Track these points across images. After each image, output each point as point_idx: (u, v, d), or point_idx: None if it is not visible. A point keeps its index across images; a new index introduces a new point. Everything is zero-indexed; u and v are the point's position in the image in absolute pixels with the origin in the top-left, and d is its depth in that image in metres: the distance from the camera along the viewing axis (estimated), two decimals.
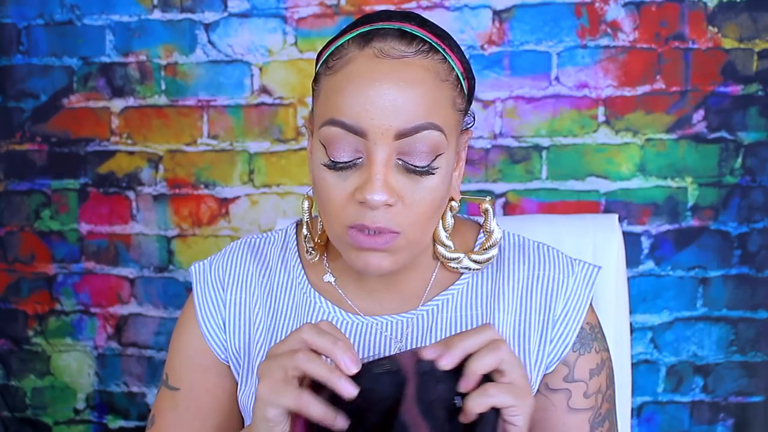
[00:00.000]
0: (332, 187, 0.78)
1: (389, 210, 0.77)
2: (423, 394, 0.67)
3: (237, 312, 0.91)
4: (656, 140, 1.74)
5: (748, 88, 1.71)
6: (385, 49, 0.76)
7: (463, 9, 1.73)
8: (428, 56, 0.78)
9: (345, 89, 0.76)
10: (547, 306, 0.88)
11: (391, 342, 0.86)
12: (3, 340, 1.96)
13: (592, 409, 0.88)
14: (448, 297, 0.88)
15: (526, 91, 1.75)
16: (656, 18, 1.71)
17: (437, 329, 0.86)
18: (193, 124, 1.83)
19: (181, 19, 1.80)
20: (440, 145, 0.77)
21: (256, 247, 0.95)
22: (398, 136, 0.75)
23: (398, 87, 0.75)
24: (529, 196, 1.77)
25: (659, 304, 1.78)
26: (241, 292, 0.92)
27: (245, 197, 1.83)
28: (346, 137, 0.76)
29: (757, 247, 1.75)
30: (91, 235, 1.89)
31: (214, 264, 0.94)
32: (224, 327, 0.91)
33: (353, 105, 0.75)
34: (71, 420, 1.97)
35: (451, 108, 0.80)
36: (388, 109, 0.74)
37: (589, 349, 0.89)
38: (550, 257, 0.91)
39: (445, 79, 0.79)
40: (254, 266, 0.93)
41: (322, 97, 0.80)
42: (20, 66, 1.87)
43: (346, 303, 0.89)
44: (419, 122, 0.75)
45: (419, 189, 0.77)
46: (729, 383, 1.79)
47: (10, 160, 1.90)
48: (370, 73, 0.75)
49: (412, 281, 0.89)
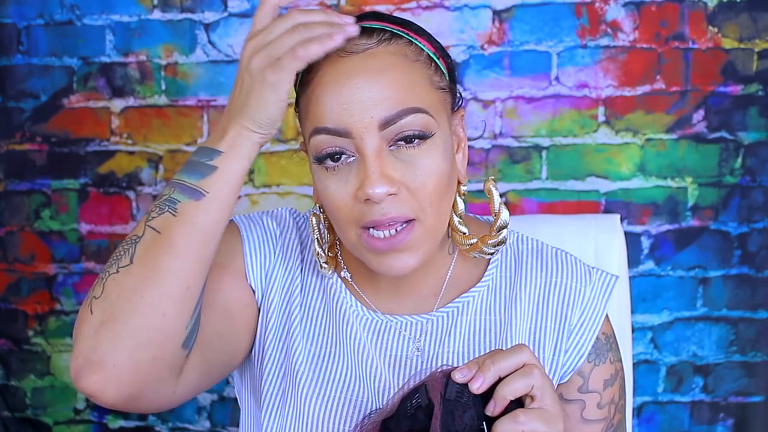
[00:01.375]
0: (335, 193, 0.78)
1: (396, 199, 0.76)
2: (450, 424, 0.65)
3: (281, 268, 0.89)
4: (656, 140, 1.74)
5: (748, 88, 1.71)
6: (347, 47, 0.76)
7: (463, 9, 1.73)
8: (391, 43, 0.78)
9: (320, 97, 0.76)
10: (564, 314, 0.87)
11: (410, 342, 0.85)
12: (3, 340, 1.96)
13: (605, 420, 0.88)
14: (468, 300, 0.87)
15: (526, 91, 1.75)
16: (656, 18, 1.71)
17: (456, 332, 0.86)
18: (193, 124, 1.83)
19: (181, 19, 1.80)
20: (428, 125, 0.77)
21: (298, 221, 0.94)
22: (382, 126, 0.75)
23: (369, 78, 0.75)
24: (529, 196, 1.77)
25: (659, 304, 1.78)
26: (286, 252, 0.90)
27: (245, 197, 1.83)
28: (334, 141, 0.76)
29: (757, 247, 1.75)
30: (91, 235, 1.89)
31: (264, 216, 0.92)
32: (268, 275, 0.88)
33: (332, 108, 0.75)
34: (71, 420, 1.96)
35: (429, 87, 0.79)
36: (364, 102, 0.74)
37: (603, 359, 0.88)
38: (568, 264, 0.90)
39: (415, 59, 0.79)
40: (296, 234, 0.92)
41: (303, 113, 0.80)
42: (20, 66, 1.87)
43: (364, 300, 0.88)
44: (400, 108, 0.75)
45: (419, 172, 0.77)
46: (729, 383, 1.79)
47: (10, 160, 1.90)
48: (338, 73, 0.76)
49: (428, 279, 0.88)
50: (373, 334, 0.86)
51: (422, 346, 0.85)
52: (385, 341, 0.86)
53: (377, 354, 0.85)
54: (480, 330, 0.86)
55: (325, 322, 0.88)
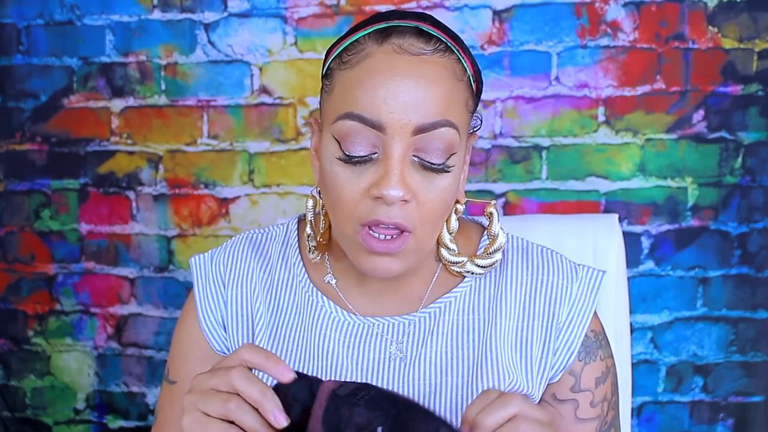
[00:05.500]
0: (345, 183, 0.77)
1: (404, 207, 0.76)
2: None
3: (238, 310, 0.90)
4: (656, 140, 1.74)
5: (748, 88, 1.71)
6: (404, 45, 0.77)
7: (463, 9, 1.73)
8: (445, 55, 0.78)
9: (363, 83, 0.76)
10: (551, 313, 0.87)
11: (390, 344, 0.85)
12: (3, 340, 1.96)
13: (599, 417, 0.88)
14: (450, 300, 0.87)
15: (526, 91, 1.75)
16: (656, 18, 1.71)
17: (438, 333, 0.86)
18: (193, 124, 1.83)
19: (181, 19, 1.80)
20: (455, 143, 0.77)
21: (257, 242, 0.94)
22: (416, 132, 0.75)
23: (418, 83, 0.75)
24: (529, 196, 1.77)
25: (659, 304, 1.78)
26: (241, 288, 0.91)
27: (245, 197, 1.83)
28: (364, 131, 0.76)
29: (757, 247, 1.75)
30: (91, 235, 1.89)
31: (215, 259, 0.93)
32: (224, 326, 0.91)
33: (372, 99, 0.75)
34: (71, 420, 1.97)
35: (464, 108, 0.80)
36: (407, 103, 0.75)
37: (594, 357, 0.88)
38: (554, 262, 0.89)
39: (461, 79, 0.79)
40: (255, 261, 0.92)
41: (336, 91, 0.79)
42: (20, 66, 1.87)
43: (345, 304, 0.88)
44: (437, 119, 0.76)
45: (433, 188, 0.77)
46: (729, 383, 1.79)
47: (10, 160, 1.90)
48: (389, 68, 0.76)
49: (414, 283, 0.88)
50: (349, 338, 0.86)
51: (404, 348, 0.85)
52: (365, 344, 0.85)
53: (348, 356, 0.85)
54: (463, 329, 0.86)
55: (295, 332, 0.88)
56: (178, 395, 0.90)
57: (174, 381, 0.91)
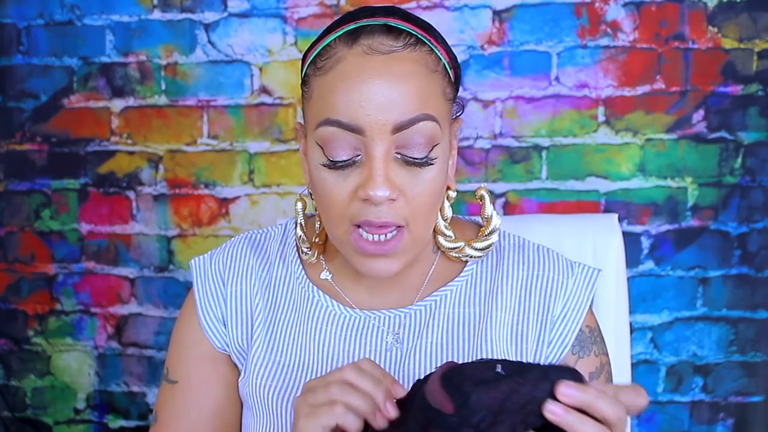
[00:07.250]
0: (332, 187, 0.78)
1: (392, 205, 0.77)
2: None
3: (237, 306, 0.91)
4: (656, 140, 1.74)
5: (748, 88, 1.71)
6: (374, 45, 0.77)
7: (463, 9, 1.73)
8: (416, 49, 0.79)
9: (338, 88, 0.76)
10: (546, 306, 0.88)
11: (387, 335, 0.86)
12: (3, 340, 1.96)
13: None
14: (446, 293, 0.89)
15: (526, 91, 1.75)
16: (656, 18, 1.71)
17: (435, 324, 0.87)
18: (193, 124, 1.83)
19: (181, 19, 1.80)
20: (436, 135, 0.78)
21: (256, 241, 0.95)
22: (395, 130, 0.76)
23: (391, 82, 0.76)
24: (529, 196, 1.77)
25: (659, 304, 1.78)
26: (241, 285, 0.92)
27: (245, 197, 1.83)
28: (344, 135, 0.76)
29: (757, 247, 1.75)
30: (91, 235, 1.89)
31: (215, 258, 0.94)
32: (224, 322, 0.91)
33: (348, 103, 0.75)
34: (71, 420, 1.97)
35: (442, 98, 0.80)
36: (383, 104, 0.75)
37: (588, 352, 0.88)
38: (549, 259, 0.91)
39: (434, 70, 0.80)
40: (254, 260, 0.93)
41: (314, 98, 0.80)
42: (20, 66, 1.87)
43: (343, 298, 0.89)
44: (414, 114, 0.76)
45: (419, 182, 0.78)
46: (729, 383, 1.79)
47: (10, 160, 1.90)
48: (362, 71, 0.76)
49: (411, 276, 0.89)
50: (346, 331, 0.87)
51: (401, 338, 0.86)
52: (363, 337, 0.86)
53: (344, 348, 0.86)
54: (460, 321, 0.87)
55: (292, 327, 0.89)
56: (179, 394, 0.91)
57: (175, 380, 0.91)
